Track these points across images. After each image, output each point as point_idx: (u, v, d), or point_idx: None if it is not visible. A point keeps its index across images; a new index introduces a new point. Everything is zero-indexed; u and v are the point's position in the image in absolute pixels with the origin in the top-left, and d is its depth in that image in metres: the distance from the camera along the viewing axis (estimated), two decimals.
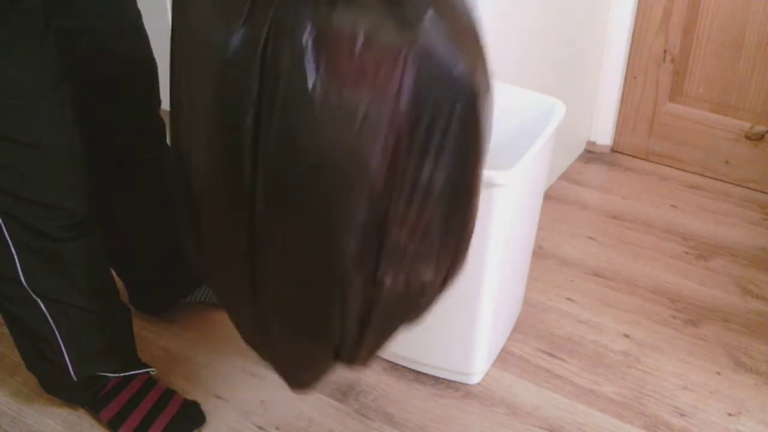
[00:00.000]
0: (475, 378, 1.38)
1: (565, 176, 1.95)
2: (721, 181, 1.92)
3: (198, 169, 0.90)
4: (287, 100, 0.78)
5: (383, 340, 0.99)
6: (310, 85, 0.76)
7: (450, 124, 0.82)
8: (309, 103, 0.77)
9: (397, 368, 1.41)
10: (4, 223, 1.08)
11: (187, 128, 0.90)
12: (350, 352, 0.97)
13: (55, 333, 1.19)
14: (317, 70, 0.76)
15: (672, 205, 1.84)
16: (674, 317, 1.52)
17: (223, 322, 1.46)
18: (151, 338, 1.47)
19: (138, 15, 1.19)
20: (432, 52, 0.78)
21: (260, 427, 1.31)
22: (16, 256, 1.11)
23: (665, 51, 1.86)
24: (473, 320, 1.29)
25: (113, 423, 1.28)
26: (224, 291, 1.01)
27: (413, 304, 0.96)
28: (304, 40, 0.76)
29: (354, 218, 0.84)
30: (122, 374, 1.30)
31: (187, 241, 0.98)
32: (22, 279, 1.13)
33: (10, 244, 1.10)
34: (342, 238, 0.85)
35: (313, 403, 1.35)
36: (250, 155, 0.82)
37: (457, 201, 0.89)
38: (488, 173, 1.13)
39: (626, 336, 1.48)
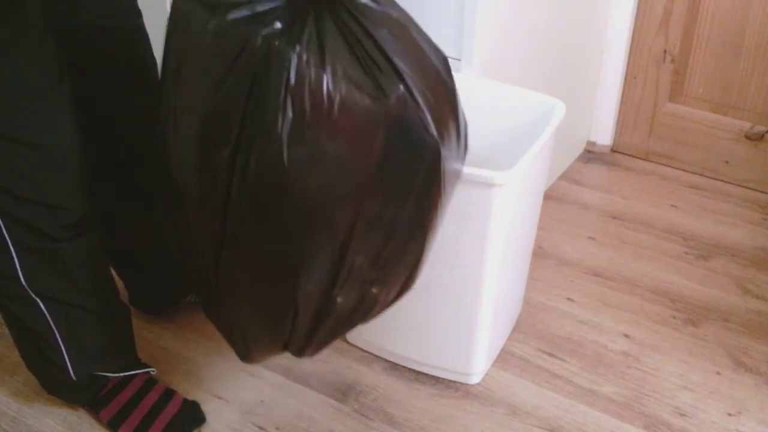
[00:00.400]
0: (475, 378, 1.38)
1: (565, 176, 1.95)
2: (721, 181, 1.92)
3: (177, 171, 0.96)
4: (265, 139, 0.85)
5: (331, 341, 1.08)
6: (287, 129, 0.83)
7: (414, 181, 0.92)
8: (283, 145, 0.84)
9: (397, 368, 1.41)
10: (3, 222, 1.08)
11: (173, 136, 0.95)
12: (298, 348, 1.07)
13: (54, 333, 1.19)
14: (295, 118, 0.83)
15: (672, 205, 1.84)
16: (674, 317, 1.52)
17: None
18: (151, 338, 1.47)
19: (138, 14, 1.20)
20: (404, 121, 0.87)
21: (260, 427, 1.31)
22: (15, 256, 1.11)
23: (665, 51, 1.86)
24: (473, 320, 1.29)
25: (113, 423, 1.28)
26: (193, 273, 1.07)
27: (363, 316, 1.04)
28: (288, 91, 0.83)
29: (315, 246, 0.92)
30: (122, 374, 1.30)
31: (164, 219, 1.05)
32: (22, 278, 1.13)
33: (10, 243, 1.10)
34: (302, 260, 0.93)
35: (313, 403, 1.35)
36: (226, 176, 0.89)
37: (413, 237, 0.97)
38: (488, 173, 1.13)
39: (626, 336, 1.48)
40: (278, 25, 0.84)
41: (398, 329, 1.37)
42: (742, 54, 1.77)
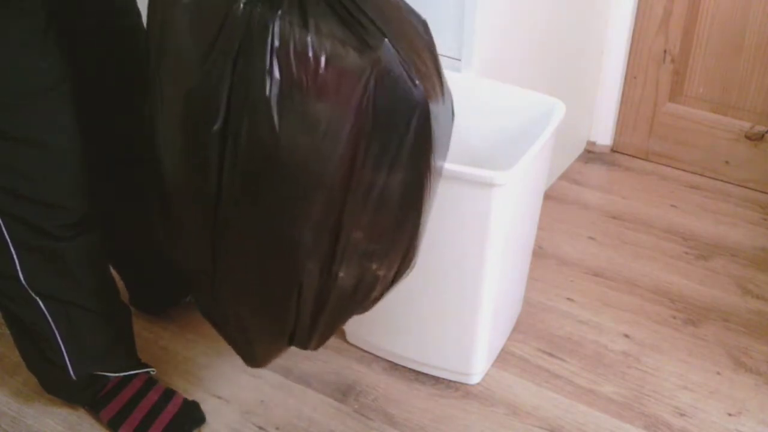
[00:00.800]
0: (475, 378, 1.38)
1: (565, 176, 1.95)
2: (721, 181, 1.92)
3: (166, 161, 0.95)
4: (254, 107, 0.84)
5: (335, 328, 1.08)
6: (275, 92, 0.83)
7: (405, 137, 0.91)
8: (272, 110, 0.84)
9: (397, 368, 1.41)
10: (3, 221, 1.08)
11: (160, 122, 0.95)
12: (303, 338, 1.05)
13: (54, 332, 1.19)
14: (283, 80, 0.83)
15: (672, 205, 1.84)
16: (674, 317, 1.52)
17: None
18: (151, 338, 1.47)
19: (138, 14, 1.20)
20: (390, 73, 0.87)
21: (260, 427, 1.31)
22: (15, 255, 1.11)
23: (665, 51, 1.86)
24: (473, 320, 1.29)
25: (113, 423, 1.28)
26: (189, 274, 1.06)
27: (364, 296, 1.03)
28: (274, 54, 0.83)
29: (311, 217, 0.91)
30: (122, 374, 1.30)
31: (158, 225, 1.04)
32: (22, 278, 1.13)
33: (10, 242, 1.10)
34: (300, 235, 0.92)
35: (313, 403, 1.35)
36: (216, 155, 0.88)
37: (408, 204, 0.97)
38: (488, 173, 1.13)
39: (626, 336, 1.48)
40: None
41: (398, 329, 1.37)
42: (742, 54, 1.77)
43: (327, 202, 0.91)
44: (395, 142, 0.91)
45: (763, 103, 1.80)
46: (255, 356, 1.11)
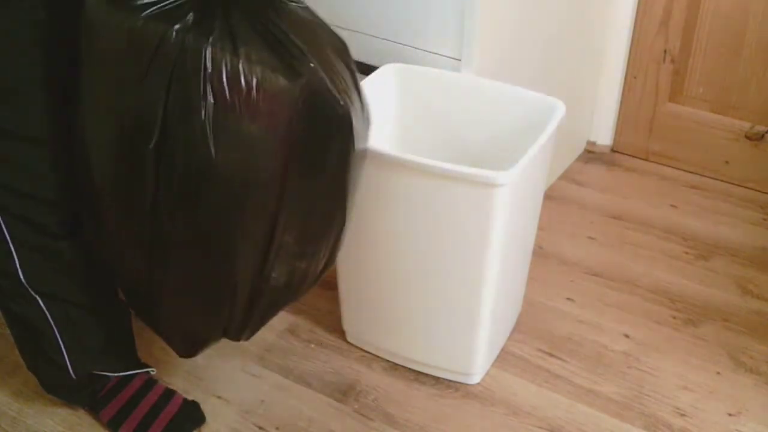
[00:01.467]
0: (475, 378, 1.38)
1: (565, 176, 1.95)
2: (721, 181, 1.92)
3: (99, 168, 1.00)
4: (190, 128, 0.90)
5: (266, 321, 1.15)
6: (210, 115, 0.89)
7: (331, 152, 1.00)
8: (207, 131, 0.90)
9: (397, 368, 1.41)
10: (2, 219, 1.08)
11: (90, 124, 0.99)
12: (236, 331, 1.13)
13: (54, 331, 1.19)
14: (217, 104, 0.89)
15: (672, 205, 1.84)
16: (674, 317, 1.52)
17: None
18: (151, 338, 1.46)
19: None
20: (317, 94, 0.94)
21: (260, 427, 1.31)
22: (15, 253, 1.11)
23: (665, 51, 1.86)
24: (473, 320, 1.29)
25: (113, 423, 1.28)
26: (122, 274, 1.11)
27: (295, 290, 1.11)
28: (207, 80, 0.89)
29: (246, 226, 0.98)
30: (122, 374, 1.30)
31: (86, 223, 1.09)
32: (21, 276, 1.13)
33: (9, 240, 1.10)
34: (234, 243, 0.99)
35: (313, 403, 1.35)
36: (152, 173, 0.94)
37: (334, 206, 1.05)
38: (489, 173, 1.13)
39: (626, 336, 1.48)
40: (190, 18, 0.89)
41: (398, 329, 1.37)
42: (742, 54, 1.77)
43: (260, 212, 0.97)
44: (321, 153, 0.99)
45: (763, 103, 1.80)
46: (190, 350, 1.17)
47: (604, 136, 2.02)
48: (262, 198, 0.96)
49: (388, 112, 1.41)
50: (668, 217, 1.80)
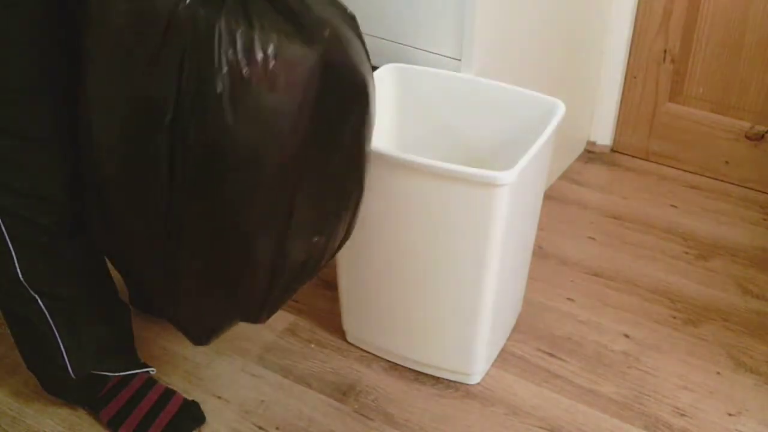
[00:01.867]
0: (475, 378, 1.38)
1: (565, 176, 1.95)
2: (721, 181, 1.92)
3: (109, 154, 0.97)
4: (205, 105, 0.88)
5: (284, 302, 1.13)
6: (227, 89, 0.87)
7: (349, 121, 0.98)
8: (224, 106, 0.88)
9: (397, 368, 1.41)
10: (2, 219, 1.08)
11: (99, 110, 0.96)
12: (255, 313, 1.11)
13: (53, 331, 1.19)
14: (233, 77, 0.87)
15: (672, 205, 1.84)
16: (674, 317, 1.52)
17: None
18: (151, 338, 1.47)
19: None
20: (335, 61, 0.93)
21: (260, 427, 1.31)
22: (13, 252, 1.11)
23: (665, 51, 1.86)
24: (473, 320, 1.29)
25: (113, 423, 1.28)
26: (132, 262, 1.08)
27: (312, 268, 1.09)
28: (222, 53, 0.86)
29: (265, 202, 0.96)
30: (122, 374, 1.30)
31: (92, 214, 1.06)
32: (21, 276, 1.13)
33: (8, 239, 1.09)
34: (254, 220, 0.97)
35: (313, 403, 1.35)
36: (166, 156, 0.91)
37: (353, 180, 1.04)
38: (489, 173, 1.13)
39: (626, 336, 1.48)
40: None
41: (398, 329, 1.37)
42: (742, 54, 1.77)
43: (279, 186, 0.95)
44: (340, 124, 0.97)
45: (763, 103, 1.80)
46: (203, 336, 1.14)
47: (604, 136, 2.02)
48: (281, 172, 0.94)
49: (388, 112, 1.41)
50: (668, 217, 1.80)
